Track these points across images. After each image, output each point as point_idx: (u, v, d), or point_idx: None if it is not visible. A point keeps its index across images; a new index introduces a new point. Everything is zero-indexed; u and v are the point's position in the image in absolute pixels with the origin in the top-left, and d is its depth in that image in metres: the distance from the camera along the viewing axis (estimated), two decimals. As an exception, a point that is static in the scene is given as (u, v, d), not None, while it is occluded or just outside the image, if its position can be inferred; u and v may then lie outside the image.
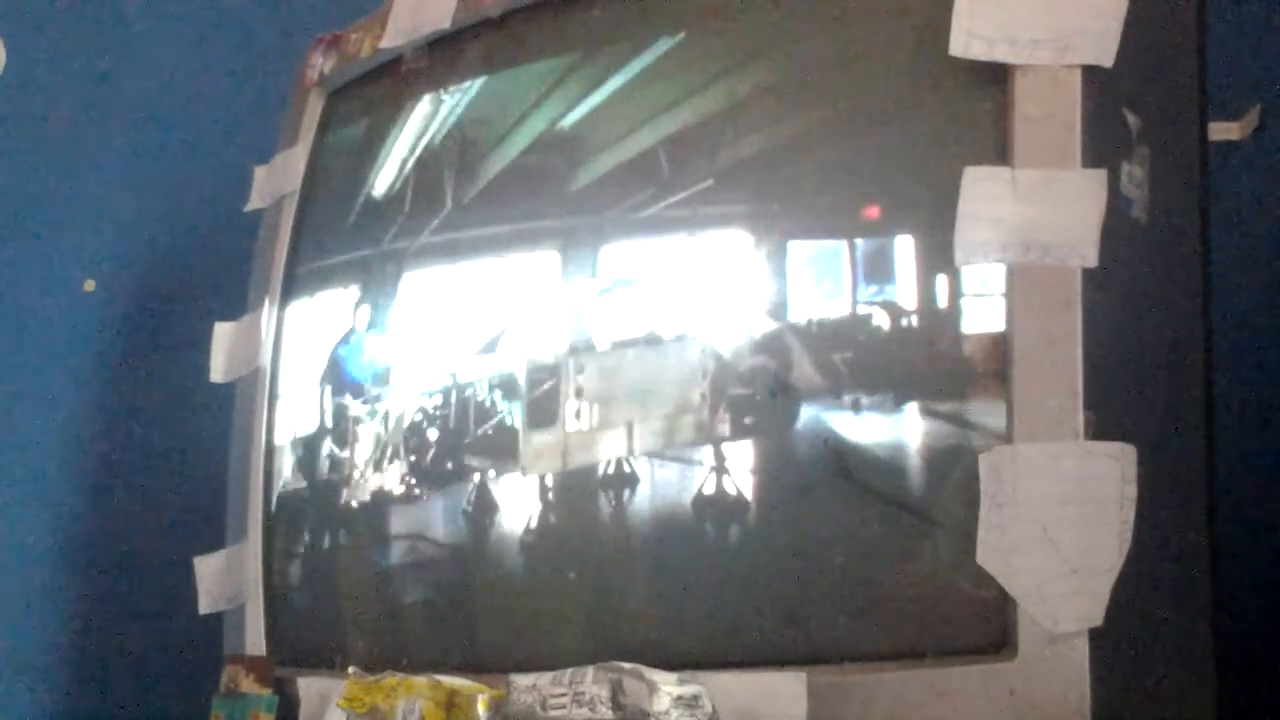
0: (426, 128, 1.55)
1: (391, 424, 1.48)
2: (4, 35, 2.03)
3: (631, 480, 1.30)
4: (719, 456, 1.25)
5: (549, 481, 1.35)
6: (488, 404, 1.41)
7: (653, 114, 1.36)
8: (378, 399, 1.51)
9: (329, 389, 1.57)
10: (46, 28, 2.06)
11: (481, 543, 1.40)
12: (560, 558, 1.33)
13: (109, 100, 2.05)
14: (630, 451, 1.30)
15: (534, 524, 1.36)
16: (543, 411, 1.36)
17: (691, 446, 1.26)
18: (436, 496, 1.44)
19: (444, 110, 1.53)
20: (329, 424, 1.55)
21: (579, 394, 1.34)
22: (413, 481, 1.46)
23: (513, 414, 1.39)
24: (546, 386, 1.36)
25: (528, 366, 1.38)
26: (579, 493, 1.33)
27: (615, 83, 1.41)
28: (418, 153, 1.55)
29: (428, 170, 1.54)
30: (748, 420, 1.23)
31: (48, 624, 1.97)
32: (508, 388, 1.40)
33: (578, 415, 1.34)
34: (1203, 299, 1.21)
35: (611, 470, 1.31)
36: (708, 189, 1.30)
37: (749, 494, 1.23)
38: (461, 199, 1.49)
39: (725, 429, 1.24)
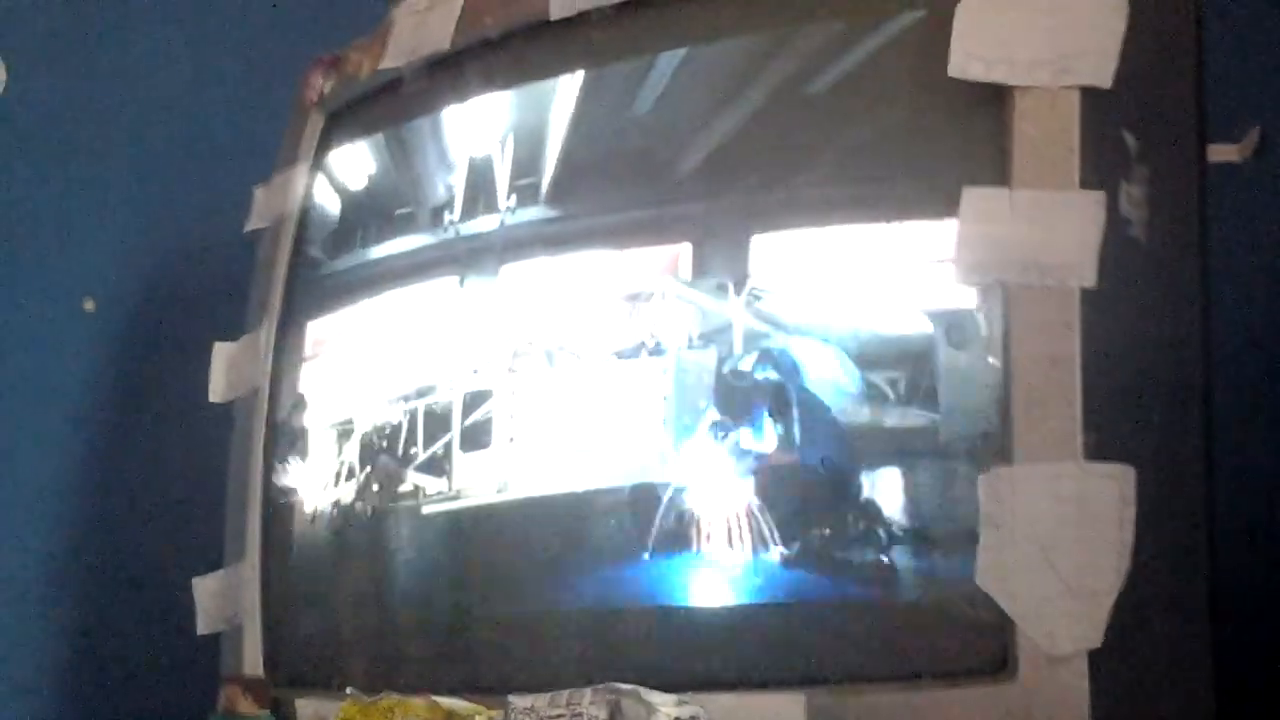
0: (426, 148, 1.56)
1: (391, 444, 1.48)
2: (4, 56, 2.03)
3: (629, 500, 1.29)
4: (715, 476, 1.24)
5: (549, 502, 1.35)
6: (489, 425, 1.41)
7: (651, 134, 1.36)
8: (377, 419, 1.51)
9: (327, 409, 1.57)
10: (47, 48, 2.06)
11: (480, 563, 1.40)
12: (557, 578, 1.33)
13: (108, 121, 2.05)
14: (626, 471, 1.30)
15: (532, 545, 1.36)
16: (544, 432, 1.36)
17: (688, 466, 1.26)
18: (435, 517, 1.44)
19: (444, 131, 1.54)
20: (327, 444, 1.55)
21: (581, 412, 1.34)
22: (411, 502, 1.46)
23: (514, 436, 1.39)
24: (549, 406, 1.36)
25: (530, 387, 1.38)
26: (577, 513, 1.33)
27: (616, 103, 1.41)
28: (417, 174, 1.56)
29: (427, 191, 1.54)
30: (744, 439, 1.23)
31: (45, 644, 1.97)
32: (510, 409, 1.40)
33: (579, 435, 1.34)
34: (1202, 319, 1.20)
35: (609, 491, 1.31)
36: (706, 207, 1.30)
37: (745, 514, 1.23)
38: (461, 220, 1.49)
39: (722, 448, 1.24)
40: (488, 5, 1.49)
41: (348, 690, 1.31)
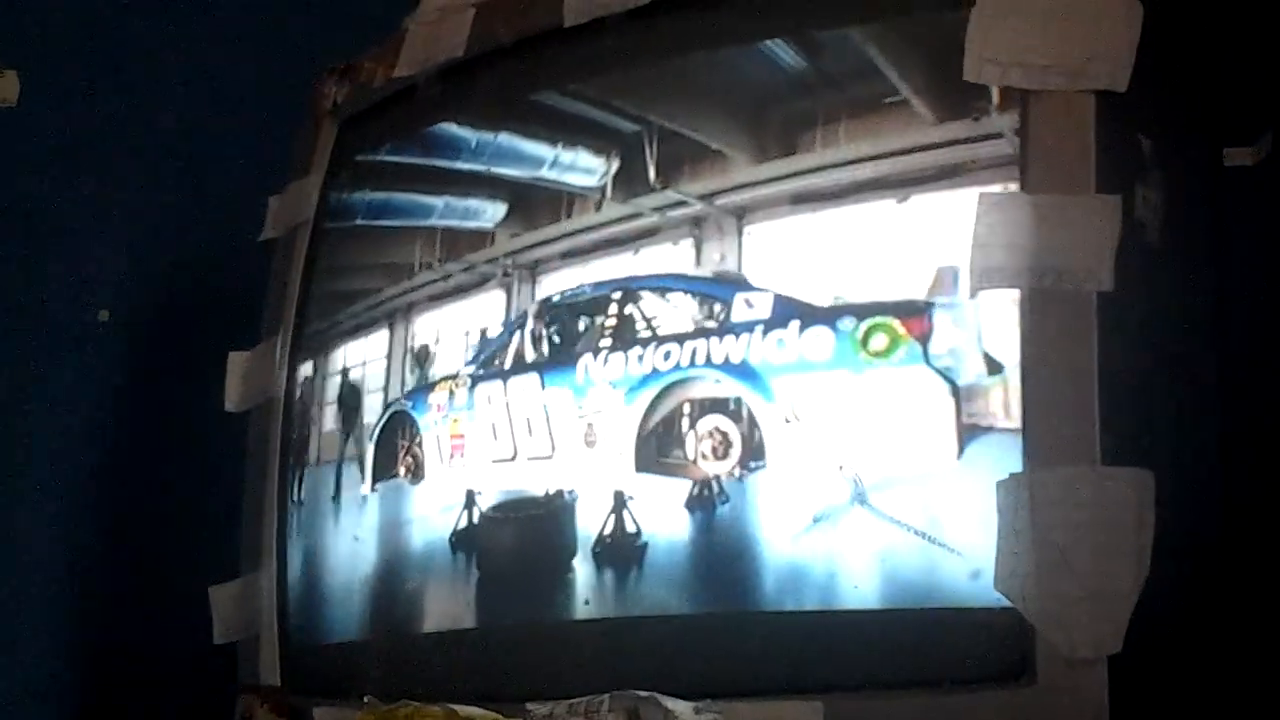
0: (440, 157, 1.56)
1: (406, 453, 1.48)
2: (17, 68, 2.04)
3: (647, 507, 1.29)
4: (735, 482, 1.24)
5: (566, 510, 1.35)
6: (501, 435, 1.41)
7: (665, 143, 1.36)
8: (392, 428, 1.51)
9: (342, 419, 1.57)
10: (60, 60, 2.06)
11: (498, 571, 1.40)
12: (576, 585, 1.33)
13: (121, 130, 2.05)
14: (645, 477, 1.30)
15: (550, 552, 1.36)
16: (558, 440, 1.36)
17: (708, 472, 1.26)
18: (452, 525, 1.44)
19: (458, 139, 1.54)
20: (342, 453, 1.55)
21: (593, 420, 1.34)
22: (428, 511, 1.46)
23: (528, 445, 1.39)
24: (560, 419, 1.36)
25: (542, 401, 1.38)
26: (596, 520, 1.32)
27: (629, 112, 1.41)
28: (430, 182, 1.56)
29: (441, 199, 1.54)
30: (763, 446, 1.23)
31: (60, 653, 1.97)
32: (520, 420, 1.40)
33: (596, 442, 1.34)
34: (1218, 323, 1.20)
35: (628, 497, 1.31)
36: (721, 219, 1.30)
37: (766, 520, 1.23)
38: (476, 228, 1.49)
39: (742, 455, 1.24)
40: (501, 13, 1.49)
41: (365, 699, 1.31)
